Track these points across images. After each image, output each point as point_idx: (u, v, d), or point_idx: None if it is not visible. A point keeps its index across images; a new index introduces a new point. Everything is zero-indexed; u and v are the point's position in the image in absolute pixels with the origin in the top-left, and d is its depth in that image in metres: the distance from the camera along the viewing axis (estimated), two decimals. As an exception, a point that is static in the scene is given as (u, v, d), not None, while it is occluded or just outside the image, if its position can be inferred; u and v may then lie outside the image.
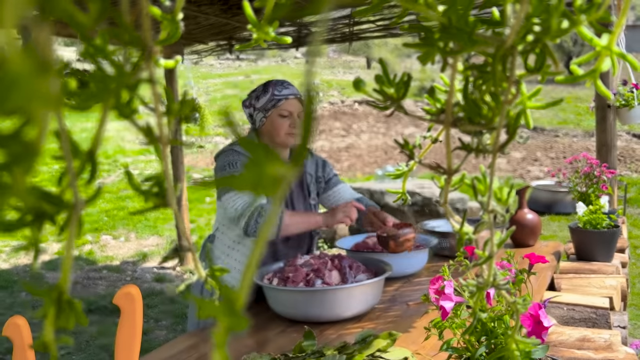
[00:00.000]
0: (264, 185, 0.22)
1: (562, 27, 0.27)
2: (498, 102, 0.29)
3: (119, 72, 0.25)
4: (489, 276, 0.32)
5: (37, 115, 0.21)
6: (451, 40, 0.28)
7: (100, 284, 4.80)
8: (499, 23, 0.28)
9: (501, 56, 0.28)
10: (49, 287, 0.26)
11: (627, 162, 9.18)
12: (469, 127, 0.30)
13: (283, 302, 1.53)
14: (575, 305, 1.79)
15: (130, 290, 0.81)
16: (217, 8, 3.26)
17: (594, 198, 2.38)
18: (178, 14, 0.27)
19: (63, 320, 0.26)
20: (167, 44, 0.27)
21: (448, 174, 0.32)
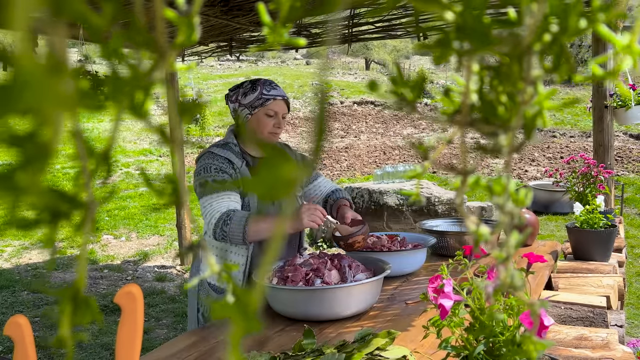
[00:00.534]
0: (278, 188, 0.23)
1: (580, 27, 0.28)
2: (515, 103, 0.30)
3: (134, 74, 0.26)
4: (506, 277, 0.32)
5: (51, 116, 0.22)
6: (467, 41, 0.28)
7: (101, 283, 4.82)
8: (515, 23, 0.28)
9: (517, 56, 0.28)
10: (65, 286, 0.27)
11: (624, 162, 9.20)
12: (485, 127, 0.31)
13: (283, 301, 1.55)
14: (572, 304, 1.81)
15: (131, 289, 0.82)
16: (218, 10, 3.27)
17: (591, 198, 2.39)
18: (195, 16, 0.27)
19: (79, 317, 0.27)
20: (184, 47, 0.28)
21: (463, 174, 0.33)
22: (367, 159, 10.20)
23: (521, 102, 0.29)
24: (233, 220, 1.67)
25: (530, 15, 0.28)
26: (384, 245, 2.01)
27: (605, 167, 2.49)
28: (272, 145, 0.23)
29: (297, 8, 0.28)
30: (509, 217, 0.31)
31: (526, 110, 0.30)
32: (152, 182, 0.27)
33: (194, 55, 4.77)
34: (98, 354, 3.38)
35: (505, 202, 0.31)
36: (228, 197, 1.74)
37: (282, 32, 0.29)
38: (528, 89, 0.29)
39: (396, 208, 5.43)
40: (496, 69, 0.30)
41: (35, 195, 0.23)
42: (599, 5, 0.27)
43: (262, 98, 1.80)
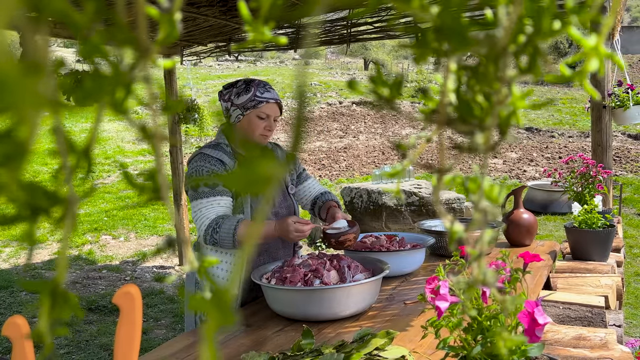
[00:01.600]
0: (255, 184, 0.23)
1: (554, 28, 0.28)
2: (490, 102, 0.30)
3: (115, 71, 0.26)
4: (479, 274, 0.33)
5: (27, 115, 0.22)
6: (445, 42, 0.29)
7: (100, 283, 4.81)
8: (492, 24, 0.29)
9: (494, 57, 0.29)
10: (45, 281, 0.27)
11: (622, 162, 9.22)
12: (462, 126, 0.31)
13: (282, 301, 1.55)
14: (571, 304, 1.81)
15: (129, 289, 0.82)
16: (216, 10, 3.27)
17: (589, 198, 2.40)
18: (176, 14, 0.27)
19: (57, 312, 0.27)
20: (164, 45, 0.28)
21: (440, 172, 0.33)
22: (365, 159, 10.20)
23: (496, 102, 0.30)
24: (222, 227, 1.68)
25: (505, 17, 0.28)
26: (382, 246, 2.01)
27: (604, 167, 2.50)
28: (253, 143, 0.24)
29: (277, 6, 0.28)
30: (482, 214, 0.31)
31: (501, 110, 0.30)
32: (132, 179, 0.28)
33: (193, 55, 4.77)
34: (97, 354, 3.38)
35: (480, 199, 0.31)
36: (218, 202, 1.75)
37: (263, 30, 0.29)
38: (503, 90, 0.30)
39: (395, 208, 5.44)
40: (473, 69, 0.30)
41: (14, 192, 0.23)
42: (571, 7, 0.28)
43: (255, 100, 1.80)
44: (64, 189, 0.26)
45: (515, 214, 2.36)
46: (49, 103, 0.23)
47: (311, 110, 13.63)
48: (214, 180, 0.25)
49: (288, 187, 2.00)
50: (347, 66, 21.85)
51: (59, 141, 0.26)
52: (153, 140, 0.27)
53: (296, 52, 3.87)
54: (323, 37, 4.01)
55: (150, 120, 0.27)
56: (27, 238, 0.26)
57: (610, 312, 1.88)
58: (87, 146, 0.27)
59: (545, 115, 13.27)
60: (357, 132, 12.36)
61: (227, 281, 0.23)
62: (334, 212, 1.94)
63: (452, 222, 0.32)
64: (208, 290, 0.25)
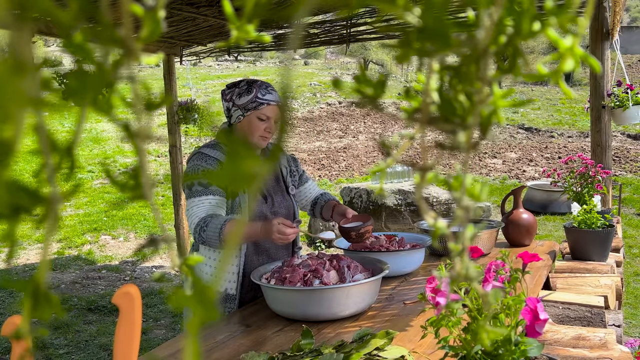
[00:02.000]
0: (240, 181, 0.23)
1: (533, 29, 0.29)
2: (472, 102, 0.31)
3: (99, 69, 0.26)
4: (462, 269, 0.34)
5: (12, 114, 0.22)
6: (428, 42, 0.29)
7: (99, 283, 4.81)
8: (474, 25, 0.29)
9: (475, 57, 0.29)
10: (26, 281, 0.27)
11: (621, 162, 9.22)
12: (444, 125, 0.32)
13: (281, 301, 1.55)
14: (570, 304, 1.81)
15: (129, 289, 0.82)
16: (216, 10, 3.27)
17: (588, 198, 2.40)
18: (159, 11, 0.27)
19: (39, 312, 0.27)
20: (148, 42, 0.28)
21: (423, 170, 0.34)
22: (365, 159, 10.21)
23: (477, 101, 0.30)
24: (209, 226, 1.69)
25: (487, 19, 0.29)
26: (382, 246, 2.01)
27: (603, 167, 2.50)
28: (237, 139, 0.24)
29: (261, 5, 0.28)
30: (464, 211, 0.32)
31: (482, 109, 0.31)
32: (114, 177, 0.28)
33: (192, 56, 4.77)
34: (96, 354, 3.38)
35: (462, 196, 0.32)
36: (209, 201, 1.76)
37: (247, 29, 0.30)
38: (484, 89, 0.30)
39: (394, 208, 5.44)
40: (455, 69, 0.31)
41: None
42: (550, 9, 0.28)
43: (256, 101, 1.80)
44: (46, 188, 0.26)
45: (514, 214, 2.36)
46: (33, 102, 0.23)
47: (310, 110, 13.64)
48: (203, 177, 0.25)
49: (289, 188, 2.01)
50: (346, 66, 21.87)
51: (41, 140, 0.26)
52: (136, 139, 0.27)
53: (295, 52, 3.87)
54: (322, 37, 4.02)
55: (137, 119, 0.27)
56: (8, 237, 0.26)
57: (609, 312, 1.88)
58: (70, 144, 0.27)
59: (544, 116, 13.28)
60: (357, 132, 12.37)
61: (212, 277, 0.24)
62: (343, 209, 1.94)
63: (435, 218, 0.33)
64: (190, 287, 0.25)
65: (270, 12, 0.29)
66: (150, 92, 0.28)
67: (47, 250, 0.27)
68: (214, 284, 0.25)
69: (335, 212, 1.97)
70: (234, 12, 0.29)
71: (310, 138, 11.96)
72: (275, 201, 1.93)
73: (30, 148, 0.29)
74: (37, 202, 0.25)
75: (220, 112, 1.95)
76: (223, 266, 0.26)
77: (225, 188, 0.24)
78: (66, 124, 11.31)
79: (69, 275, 5.00)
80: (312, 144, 11.55)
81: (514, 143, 11.10)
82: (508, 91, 0.30)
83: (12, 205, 0.24)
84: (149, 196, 0.28)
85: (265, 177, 0.24)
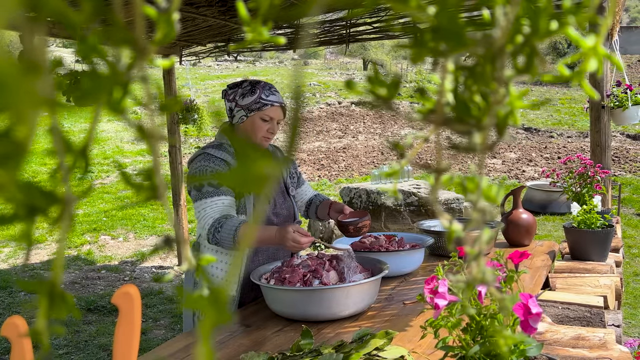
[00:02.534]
0: (252, 183, 0.23)
1: (551, 29, 0.28)
2: (487, 102, 0.30)
3: (112, 70, 0.26)
4: (478, 273, 0.33)
5: (25, 115, 0.22)
6: (442, 41, 0.29)
7: (99, 283, 4.81)
8: (489, 24, 0.29)
9: (491, 57, 0.29)
10: (42, 281, 0.27)
11: (621, 163, 9.23)
12: (458, 126, 0.31)
13: (281, 302, 1.55)
14: (570, 304, 1.81)
15: (128, 289, 0.82)
16: (215, 10, 3.27)
17: (588, 198, 2.40)
18: (173, 14, 0.27)
19: (55, 312, 0.27)
20: (162, 45, 0.28)
21: (437, 172, 0.33)
22: (365, 160, 10.20)
23: (493, 101, 0.30)
24: (224, 227, 1.68)
25: (503, 17, 0.28)
26: (381, 246, 2.01)
27: (602, 167, 2.50)
28: (248, 142, 0.24)
29: (275, 6, 0.28)
30: (481, 214, 0.31)
31: (498, 110, 0.30)
32: (130, 178, 0.28)
33: (192, 56, 4.77)
34: (95, 354, 3.38)
35: (478, 199, 0.31)
36: (222, 202, 1.75)
37: (261, 30, 0.29)
38: (500, 89, 0.30)
39: (394, 208, 5.44)
40: (470, 69, 0.30)
41: (11, 191, 0.23)
42: (569, 8, 0.28)
43: (259, 102, 1.80)
44: (61, 188, 0.26)
45: (514, 214, 2.36)
46: (46, 102, 0.23)
47: (310, 110, 13.64)
48: (213, 179, 0.25)
49: (289, 189, 2.01)
50: (346, 66, 21.86)
51: (56, 141, 0.26)
52: (150, 140, 0.27)
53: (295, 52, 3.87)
54: (322, 37, 4.01)
55: (148, 120, 0.27)
56: (24, 238, 0.26)
57: (609, 312, 1.89)
58: (84, 146, 0.27)
59: (544, 116, 13.28)
60: (356, 132, 12.37)
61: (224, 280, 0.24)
62: (340, 206, 1.97)
63: (450, 221, 0.32)
64: (205, 289, 0.25)
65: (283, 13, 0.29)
66: (161, 93, 0.28)
67: (62, 249, 0.27)
68: (226, 286, 0.25)
69: (332, 209, 2.00)
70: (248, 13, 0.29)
71: (309, 138, 11.96)
72: (277, 202, 1.93)
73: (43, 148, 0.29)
74: (52, 203, 0.25)
75: (219, 112, 1.94)
76: (235, 269, 0.26)
77: (234, 189, 0.24)
78: (65, 124, 11.30)
79: (68, 276, 5.00)
80: (311, 144, 11.55)
81: (513, 143, 11.10)
82: (524, 91, 0.30)
83: (28, 206, 0.24)
84: (164, 197, 0.28)
85: (276, 179, 0.24)
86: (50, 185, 0.26)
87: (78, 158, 0.27)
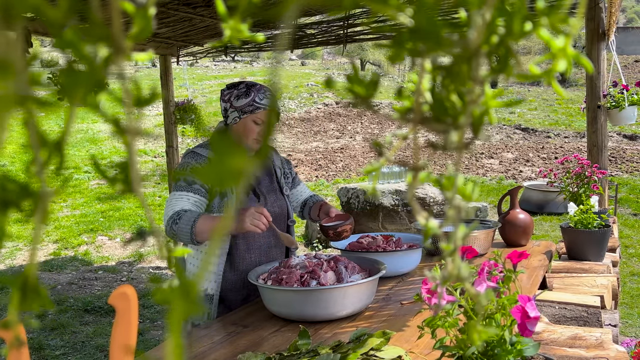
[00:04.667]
0: (227, 177, 0.24)
1: (525, 30, 0.29)
2: (464, 102, 0.31)
3: (90, 66, 0.26)
4: (453, 269, 0.34)
5: None
6: (420, 42, 0.29)
7: (96, 284, 4.80)
8: (465, 25, 0.29)
9: (467, 57, 0.29)
10: (15, 275, 0.28)
11: (617, 163, 9.25)
12: (436, 125, 0.32)
13: (278, 302, 1.55)
14: (566, 303, 1.81)
15: (125, 290, 0.82)
16: (213, 10, 3.27)
17: (585, 198, 2.41)
18: (150, 9, 0.27)
19: (27, 305, 0.27)
20: (138, 40, 0.28)
21: (415, 170, 0.34)
22: (362, 160, 10.21)
23: (469, 101, 0.30)
24: (182, 219, 1.68)
25: (478, 19, 0.29)
26: (379, 246, 2.01)
27: (599, 168, 2.51)
28: (226, 137, 0.24)
29: (254, 4, 0.28)
30: (456, 211, 0.32)
31: (474, 109, 0.31)
32: (105, 171, 0.28)
33: (189, 56, 4.76)
34: (92, 355, 3.37)
35: (453, 196, 0.32)
36: (187, 198, 1.77)
37: (240, 28, 0.30)
38: (476, 89, 0.30)
39: (391, 208, 5.44)
40: (447, 69, 0.31)
41: None
42: (542, 9, 0.29)
43: (253, 105, 1.82)
44: (37, 183, 0.26)
45: (511, 214, 2.36)
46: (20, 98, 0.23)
47: (307, 111, 13.64)
48: (190, 174, 0.25)
49: (282, 188, 2.02)
50: (343, 67, 21.87)
51: (30, 135, 0.26)
52: (126, 134, 0.28)
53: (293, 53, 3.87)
54: (319, 38, 4.02)
55: (127, 116, 0.28)
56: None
57: (605, 312, 1.89)
58: (59, 140, 0.27)
59: (541, 116, 13.31)
60: (354, 133, 12.37)
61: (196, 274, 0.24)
62: (328, 208, 2.00)
63: (426, 218, 0.33)
64: (175, 280, 0.25)
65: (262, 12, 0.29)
66: (141, 89, 0.28)
67: (37, 244, 0.27)
68: (196, 280, 0.25)
69: (321, 211, 2.03)
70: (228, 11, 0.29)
71: (307, 138, 11.96)
72: (269, 200, 1.94)
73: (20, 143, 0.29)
74: (26, 196, 0.25)
75: (217, 113, 1.96)
76: (206, 264, 0.26)
77: (211, 186, 0.24)
78: (62, 125, 11.28)
79: (65, 276, 4.99)
80: (309, 144, 11.55)
81: (510, 143, 11.12)
82: (499, 91, 0.30)
83: (1, 199, 0.24)
84: (138, 190, 0.28)
85: (253, 174, 0.24)
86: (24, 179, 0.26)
87: (53, 153, 0.27)
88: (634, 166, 9.05)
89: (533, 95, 15.57)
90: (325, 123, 13.03)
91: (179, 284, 0.25)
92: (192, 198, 1.77)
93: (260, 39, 0.32)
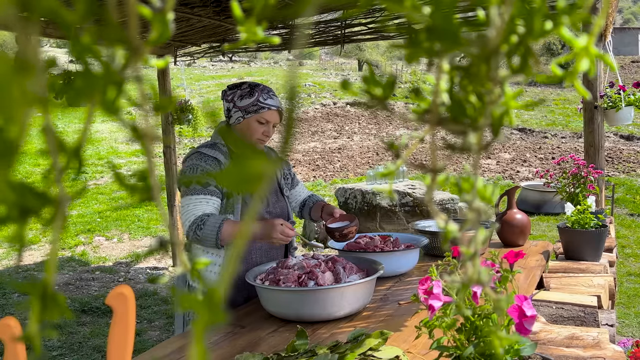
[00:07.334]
0: (245, 183, 0.24)
1: (545, 29, 0.28)
2: (483, 102, 0.30)
3: (106, 70, 0.26)
4: (474, 273, 0.33)
5: (17, 114, 0.22)
6: (436, 41, 0.29)
7: (93, 285, 4.79)
8: (484, 24, 0.29)
9: (485, 57, 0.29)
10: (35, 282, 0.27)
11: (614, 163, 9.28)
12: (453, 126, 0.31)
13: (276, 302, 1.55)
14: (564, 303, 1.82)
15: (122, 290, 0.82)
16: (210, 10, 3.27)
17: (582, 198, 2.41)
18: (168, 13, 0.27)
19: (48, 314, 0.27)
20: (157, 45, 0.28)
21: (433, 172, 0.33)
22: (360, 160, 10.21)
23: (488, 101, 0.30)
24: (206, 224, 1.68)
25: (497, 18, 0.28)
26: (376, 246, 2.01)
27: (595, 168, 2.51)
28: (244, 142, 0.24)
29: (270, 6, 0.28)
30: (476, 214, 0.31)
31: (493, 110, 0.30)
32: (124, 179, 0.27)
33: (187, 56, 4.76)
34: (90, 356, 3.36)
35: (473, 199, 0.31)
36: (207, 201, 1.76)
37: (255, 30, 0.29)
38: (495, 89, 0.30)
39: (389, 209, 5.44)
40: (465, 69, 0.30)
41: (3, 192, 0.23)
42: (563, 8, 0.28)
43: (257, 105, 1.82)
44: (54, 189, 0.26)
45: (508, 214, 2.37)
46: (39, 102, 0.23)
47: (305, 111, 13.63)
48: (207, 178, 0.25)
49: (283, 190, 2.02)
50: (341, 67, 21.87)
51: (49, 141, 0.26)
52: (144, 140, 0.27)
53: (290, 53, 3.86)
54: (317, 38, 4.01)
55: (142, 120, 0.27)
56: (17, 239, 0.25)
57: (602, 312, 1.89)
58: (77, 146, 0.27)
59: (538, 116, 13.34)
60: (352, 133, 12.37)
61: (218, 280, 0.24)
62: (331, 209, 1.99)
63: (446, 221, 0.32)
64: (200, 290, 0.25)
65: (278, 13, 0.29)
66: (156, 93, 0.27)
67: (55, 250, 0.27)
68: (220, 287, 0.25)
69: (324, 211, 2.02)
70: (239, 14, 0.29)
71: (304, 139, 11.96)
72: (270, 201, 1.94)
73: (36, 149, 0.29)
74: (45, 203, 0.25)
75: (214, 113, 1.96)
76: (230, 268, 0.26)
77: (227, 189, 0.24)
78: (59, 125, 11.25)
79: (62, 277, 4.97)
80: (306, 144, 11.54)
81: (507, 143, 11.14)
82: (518, 91, 0.30)
83: (20, 207, 0.24)
84: (158, 198, 0.28)
85: (270, 179, 0.24)
86: (43, 185, 0.26)
87: (71, 158, 0.27)
88: (631, 166, 9.08)
89: (530, 95, 15.61)
90: (323, 123, 13.03)
91: (203, 292, 0.25)
92: (210, 200, 1.76)
93: (276, 41, 0.31)
